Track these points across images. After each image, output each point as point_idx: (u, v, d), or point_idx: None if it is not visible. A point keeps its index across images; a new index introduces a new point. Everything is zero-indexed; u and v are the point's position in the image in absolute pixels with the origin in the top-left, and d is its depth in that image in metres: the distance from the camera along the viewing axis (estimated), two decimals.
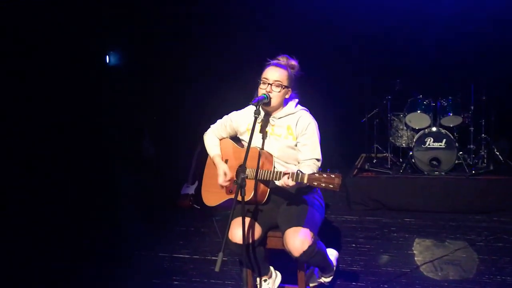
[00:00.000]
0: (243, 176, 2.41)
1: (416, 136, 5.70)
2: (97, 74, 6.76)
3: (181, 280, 3.93)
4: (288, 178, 2.51)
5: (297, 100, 2.96)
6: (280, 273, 3.06)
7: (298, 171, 2.49)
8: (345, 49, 6.49)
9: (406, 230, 4.86)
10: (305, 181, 2.46)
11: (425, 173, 5.56)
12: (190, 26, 6.90)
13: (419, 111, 5.69)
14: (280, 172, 2.61)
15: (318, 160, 2.78)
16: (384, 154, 6.21)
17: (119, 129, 6.98)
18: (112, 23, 6.84)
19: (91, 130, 6.59)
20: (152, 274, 4.08)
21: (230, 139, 3.13)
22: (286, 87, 2.83)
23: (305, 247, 2.57)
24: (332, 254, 3.00)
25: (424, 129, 5.71)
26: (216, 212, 5.56)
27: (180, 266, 4.20)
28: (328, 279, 2.96)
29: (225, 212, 5.49)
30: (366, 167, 5.89)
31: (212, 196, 3.03)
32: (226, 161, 3.05)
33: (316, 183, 2.42)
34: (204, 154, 5.98)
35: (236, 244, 2.69)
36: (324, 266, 2.83)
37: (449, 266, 3.98)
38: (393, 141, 6.07)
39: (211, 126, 3.20)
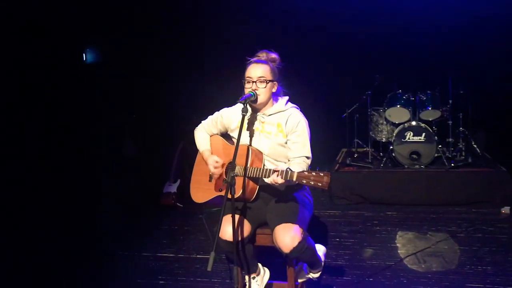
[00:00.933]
0: (232, 175, 2.40)
1: (396, 131, 5.77)
2: (73, 72, 6.61)
3: (167, 279, 3.90)
4: (278, 175, 2.51)
5: (287, 97, 2.96)
6: (268, 269, 3.06)
7: (288, 169, 2.49)
8: (325, 45, 6.52)
9: (388, 224, 4.92)
10: (294, 179, 2.46)
11: (406, 166, 5.64)
12: (172, 23, 6.83)
13: (398, 106, 5.77)
14: (270, 170, 2.60)
15: (308, 158, 2.79)
16: (365, 149, 6.28)
17: (99, 127, 6.87)
18: (89, 18, 6.72)
19: (69, 129, 6.46)
20: (137, 274, 4.04)
21: (221, 136, 3.11)
22: (270, 81, 2.83)
23: (295, 243, 2.58)
24: (320, 249, 3.02)
25: (404, 123, 5.79)
26: (201, 210, 5.55)
27: (165, 265, 4.17)
28: (317, 275, 2.98)
29: (209, 210, 5.51)
30: (348, 161, 5.95)
31: (201, 193, 3.01)
32: None
33: (305, 181, 2.42)
34: (186, 152, 6.02)
35: (226, 241, 2.68)
36: (313, 262, 2.85)
37: (432, 258, 4.05)
38: (373, 135, 6.14)
39: (202, 121, 3.18)
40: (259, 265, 2.95)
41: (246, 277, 2.88)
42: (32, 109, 6.20)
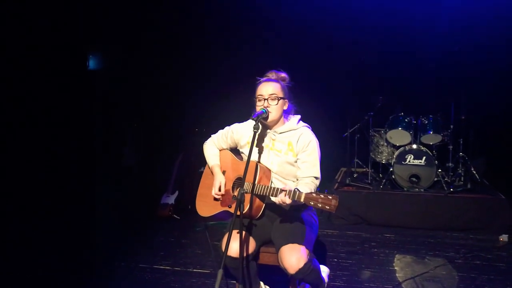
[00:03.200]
0: (242, 191, 2.39)
1: (397, 153, 5.79)
2: (75, 79, 6.59)
3: None
4: (285, 195, 2.50)
5: (299, 116, 2.97)
6: None
7: (296, 189, 2.48)
8: (329, 66, 6.57)
9: (386, 246, 4.91)
10: (302, 200, 2.46)
11: (405, 189, 5.65)
12: (178, 34, 6.86)
13: (400, 128, 5.80)
14: (277, 189, 2.59)
15: (316, 178, 2.79)
16: (364, 169, 6.29)
17: (100, 136, 6.84)
18: (94, 25, 6.74)
19: (68, 137, 6.42)
20: (133, 286, 3.98)
21: (230, 150, 3.11)
22: (282, 98, 2.85)
23: (301, 264, 2.57)
24: (324, 270, 3.00)
25: (404, 146, 5.81)
26: (199, 223, 5.52)
27: (161, 278, 4.11)
28: None
29: (206, 223, 5.48)
30: (347, 181, 5.94)
31: (207, 207, 2.99)
32: (224, 172, 3.03)
33: (312, 203, 2.42)
34: (185, 164, 6.00)
35: (231, 258, 2.66)
36: (317, 283, 2.83)
37: (430, 283, 4.02)
38: (373, 156, 6.15)
39: (211, 135, 3.18)
40: (261, 283, 2.92)
41: None
42: (33, 115, 6.16)
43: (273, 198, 2.63)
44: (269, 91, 2.82)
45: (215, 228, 5.38)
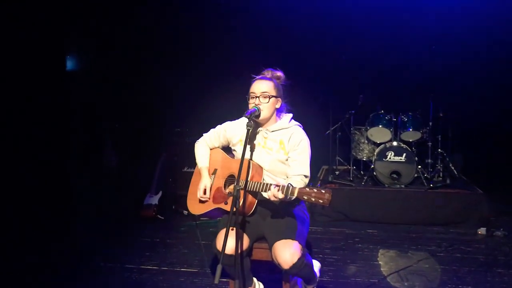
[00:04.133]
0: (238, 188, 2.42)
1: (377, 150, 5.90)
2: (55, 79, 6.48)
3: None
4: (278, 190, 2.54)
5: (291, 115, 3.01)
6: (263, 283, 3.07)
7: (289, 185, 2.52)
8: (311, 65, 6.63)
9: (370, 241, 4.99)
10: (295, 195, 2.50)
11: (386, 185, 5.76)
12: (156, 31, 6.82)
13: (380, 126, 5.91)
14: (270, 184, 2.63)
15: (306, 176, 2.83)
16: (345, 167, 6.38)
17: (79, 136, 6.76)
18: (70, 24, 6.65)
19: (48, 138, 6.31)
20: (120, 286, 3.96)
21: (222, 149, 3.13)
22: (274, 96, 2.88)
23: (295, 259, 2.60)
24: (316, 265, 3.05)
25: (385, 143, 5.92)
26: (183, 223, 5.52)
27: (149, 278, 4.10)
28: None
29: (190, 223, 5.48)
30: (330, 179, 6.02)
31: (198, 205, 3.01)
32: (215, 171, 3.05)
33: (306, 197, 2.46)
34: (168, 164, 5.98)
35: (226, 254, 2.67)
36: (310, 278, 2.88)
37: (414, 276, 4.11)
38: (354, 154, 6.25)
39: (203, 134, 3.19)
40: (254, 279, 2.95)
41: None
42: (9, 116, 6.04)
43: (265, 194, 2.67)
44: (261, 89, 2.86)
45: (202, 226, 5.40)
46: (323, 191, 2.43)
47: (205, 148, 3.14)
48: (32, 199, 5.81)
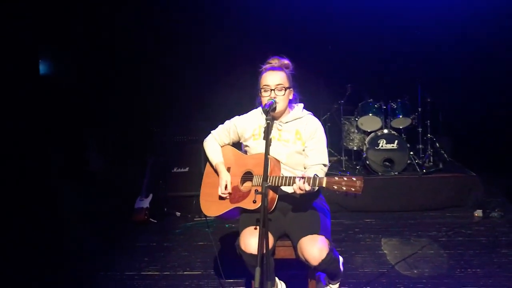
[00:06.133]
0: (266, 185, 2.29)
1: (368, 139, 5.87)
2: (38, 83, 6.22)
3: None
4: (304, 182, 2.42)
5: (302, 104, 2.91)
6: (285, 283, 2.96)
7: (315, 175, 2.41)
8: (298, 55, 6.52)
9: (370, 231, 4.95)
10: (324, 185, 2.40)
11: (379, 173, 5.73)
12: (136, 31, 6.61)
13: (370, 114, 5.87)
14: (293, 177, 2.51)
15: (325, 165, 2.74)
16: (336, 158, 6.33)
17: (63, 141, 6.50)
18: (46, 26, 6.39)
19: (31, 143, 6.05)
20: None
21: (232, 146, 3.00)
22: (288, 88, 2.77)
23: (324, 255, 2.51)
24: (340, 260, 2.96)
25: (375, 131, 5.89)
26: (179, 224, 5.37)
27: (153, 284, 3.95)
28: (336, 286, 2.91)
29: (185, 224, 5.34)
30: None
31: (215, 206, 2.87)
32: (228, 169, 2.91)
33: (336, 187, 2.36)
34: (158, 166, 5.80)
35: (251, 254, 2.55)
36: (336, 273, 2.78)
37: (422, 263, 4.09)
38: (345, 144, 6.20)
39: (211, 132, 3.04)
40: (276, 278, 2.84)
41: None
42: None
43: (286, 188, 2.55)
44: (276, 81, 2.74)
45: (196, 227, 5.28)
46: (354, 179, 2.34)
47: (215, 144, 2.99)
48: (14, 208, 5.56)
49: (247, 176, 2.82)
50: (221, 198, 2.84)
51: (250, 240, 2.57)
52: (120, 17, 6.50)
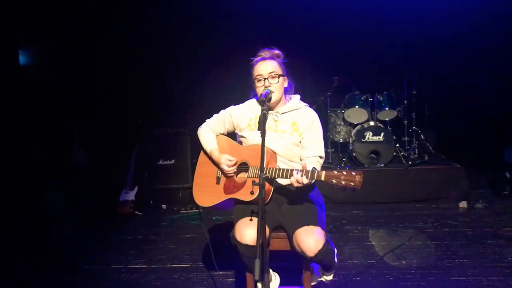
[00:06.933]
0: (264, 176, 2.26)
1: (354, 131, 5.88)
2: (17, 74, 6.07)
3: None
4: (302, 175, 2.40)
5: (299, 95, 2.88)
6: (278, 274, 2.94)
7: (314, 169, 2.39)
8: (285, 47, 6.49)
9: (357, 222, 4.97)
10: (322, 178, 2.37)
11: (366, 166, 5.75)
12: (119, 21, 6.49)
13: (357, 106, 5.88)
14: (290, 170, 2.48)
15: (321, 157, 2.72)
16: None
17: (45, 134, 6.36)
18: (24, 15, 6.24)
19: (13, 136, 5.90)
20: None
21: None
22: (281, 75, 2.74)
23: (320, 246, 2.49)
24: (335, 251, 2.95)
25: (362, 123, 5.91)
26: (164, 218, 5.32)
27: (140, 277, 3.90)
28: (330, 277, 2.90)
29: (171, 217, 5.29)
30: None
31: (208, 197, 2.82)
32: None
33: (335, 181, 2.35)
34: (142, 158, 5.73)
35: (246, 246, 2.52)
36: (331, 264, 2.77)
37: (409, 254, 4.12)
38: (331, 136, 6.20)
39: (206, 120, 3.00)
40: (270, 270, 2.82)
41: (259, 285, 2.72)
42: None
43: (282, 180, 2.52)
44: (268, 69, 2.71)
45: (183, 220, 5.23)
46: (353, 173, 2.33)
47: (210, 133, 2.95)
48: None
49: (242, 167, 2.78)
50: (214, 188, 2.80)
51: (245, 231, 2.53)
52: (106, 8, 6.39)
